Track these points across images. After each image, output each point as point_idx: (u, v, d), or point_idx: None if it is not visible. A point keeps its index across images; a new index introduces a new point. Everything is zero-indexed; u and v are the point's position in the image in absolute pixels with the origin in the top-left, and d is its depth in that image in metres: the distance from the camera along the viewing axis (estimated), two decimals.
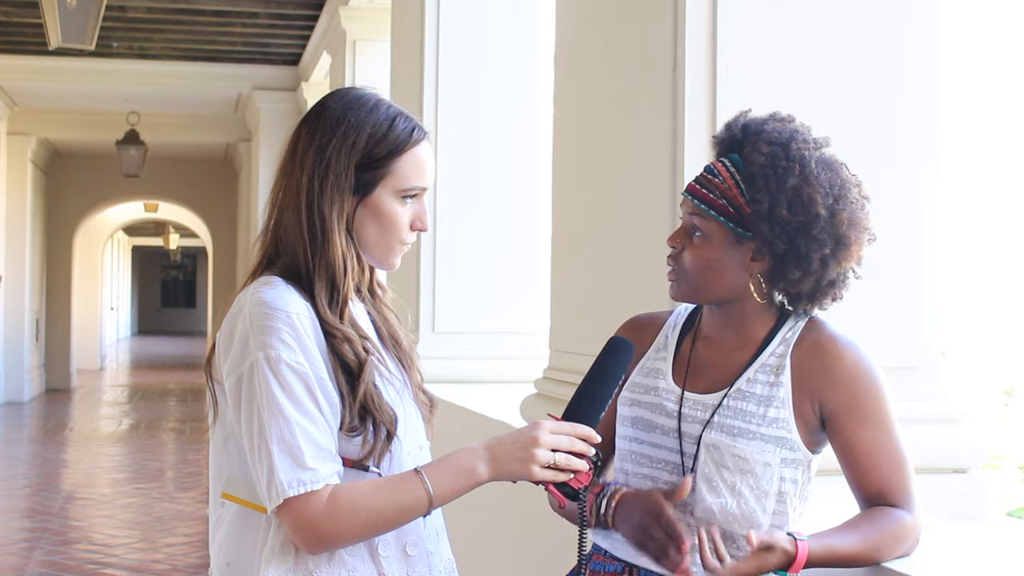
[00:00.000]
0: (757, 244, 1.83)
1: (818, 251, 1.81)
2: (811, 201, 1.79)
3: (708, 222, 1.84)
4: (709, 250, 1.85)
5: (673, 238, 1.90)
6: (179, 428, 12.99)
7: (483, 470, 1.69)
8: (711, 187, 1.85)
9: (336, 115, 1.77)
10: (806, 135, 1.86)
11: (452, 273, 5.10)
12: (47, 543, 7.00)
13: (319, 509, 1.64)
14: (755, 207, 1.80)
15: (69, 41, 7.41)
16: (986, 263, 9.49)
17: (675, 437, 1.87)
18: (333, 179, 1.75)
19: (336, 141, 1.75)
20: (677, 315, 2.03)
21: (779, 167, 1.80)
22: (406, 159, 1.78)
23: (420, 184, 1.80)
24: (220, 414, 1.77)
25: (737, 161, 1.86)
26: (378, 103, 1.80)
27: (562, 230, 3.43)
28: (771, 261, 1.83)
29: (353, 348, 1.71)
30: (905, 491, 1.79)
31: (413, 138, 1.79)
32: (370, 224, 1.78)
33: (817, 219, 1.79)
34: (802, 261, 1.81)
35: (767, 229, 1.80)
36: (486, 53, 5.18)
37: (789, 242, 1.80)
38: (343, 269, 1.75)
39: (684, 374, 1.92)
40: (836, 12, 2.60)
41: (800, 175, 1.80)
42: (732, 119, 1.94)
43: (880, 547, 1.75)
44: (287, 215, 1.77)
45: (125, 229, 25.60)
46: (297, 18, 9.62)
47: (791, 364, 1.84)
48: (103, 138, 13.69)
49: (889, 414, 1.81)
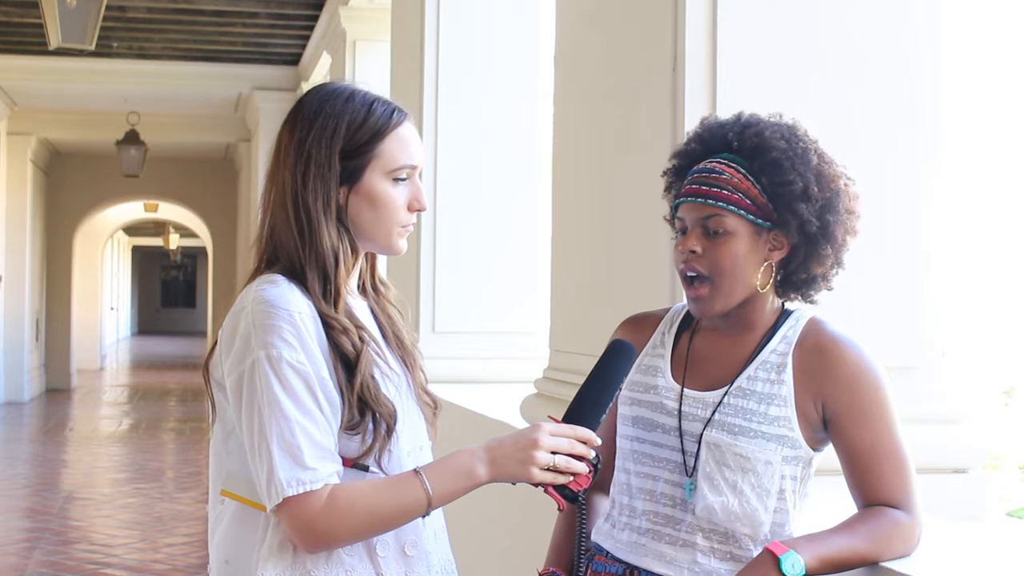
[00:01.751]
0: (778, 234, 1.84)
1: (841, 225, 1.85)
2: (833, 176, 1.85)
3: (729, 218, 1.83)
4: (735, 244, 1.83)
5: (687, 243, 1.85)
6: (179, 428, 12.99)
7: (482, 471, 1.69)
8: (720, 183, 1.84)
9: (313, 109, 1.78)
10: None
11: (452, 273, 5.10)
12: (47, 543, 7.00)
13: (318, 508, 1.64)
14: (788, 189, 1.81)
15: (69, 41, 7.42)
16: (986, 263, 9.49)
17: (676, 436, 1.87)
18: (315, 171, 1.75)
19: (315, 133, 1.76)
20: (674, 312, 2.02)
21: (798, 149, 1.84)
22: (390, 140, 1.78)
23: (408, 162, 1.80)
24: (220, 412, 1.77)
25: (732, 157, 1.86)
26: (354, 92, 1.81)
27: (562, 230, 3.43)
28: (789, 248, 1.85)
29: (349, 338, 1.72)
30: (906, 493, 1.79)
31: (394, 119, 1.79)
32: (365, 210, 1.78)
33: (839, 194, 1.84)
34: (830, 240, 1.84)
35: (803, 208, 1.81)
36: (486, 53, 5.18)
37: (820, 218, 1.83)
38: (333, 259, 1.75)
39: (683, 371, 1.91)
40: (836, 12, 2.60)
41: (817, 154, 1.86)
42: (698, 127, 1.95)
43: (875, 547, 1.74)
44: (277, 214, 1.78)
45: (125, 229, 25.60)
46: (297, 18, 9.62)
47: (793, 362, 1.84)
48: (103, 138, 13.70)
49: (891, 415, 1.81)
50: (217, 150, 16.40)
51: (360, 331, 1.74)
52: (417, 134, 1.84)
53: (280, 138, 1.81)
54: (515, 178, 5.13)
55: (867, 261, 2.46)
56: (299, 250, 1.74)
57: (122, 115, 12.90)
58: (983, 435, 2.62)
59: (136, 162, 13.09)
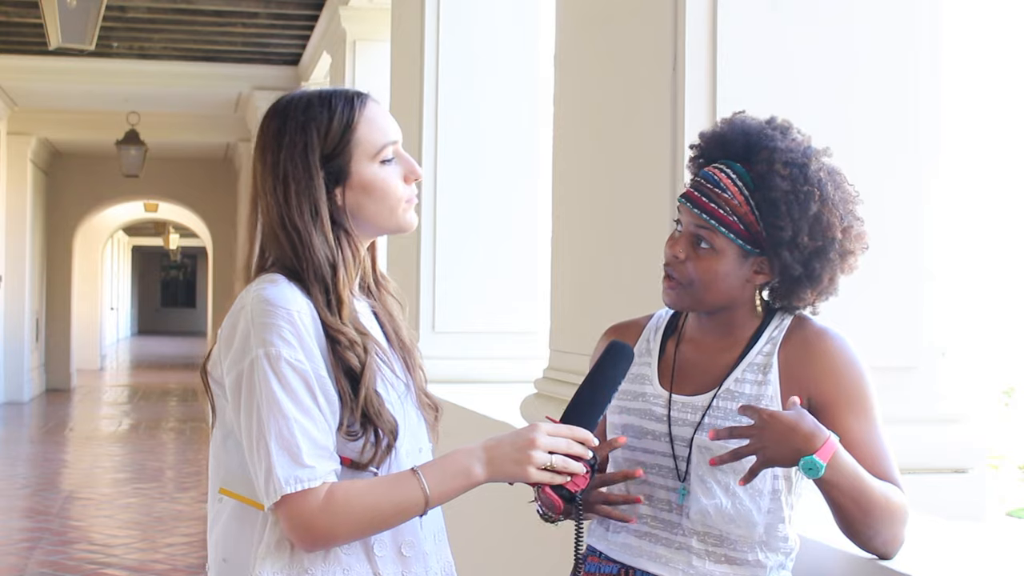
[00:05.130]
0: (764, 261, 1.83)
1: (830, 271, 1.83)
2: (829, 226, 1.81)
3: (717, 236, 1.83)
4: (717, 263, 1.83)
5: (675, 246, 1.87)
6: (179, 428, 12.99)
7: (480, 471, 1.69)
8: (720, 202, 1.82)
9: (275, 129, 1.78)
10: (816, 150, 1.86)
11: (452, 273, 5.10)
12: (47, 543, 7.00)
13: (315, 507, 1.64)
14: (776, 233, 1.80)
15: (69, 41, 7.42)
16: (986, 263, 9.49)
17: (667, 441, 1.87)
18: (295, 187, 1.75)
19: (286, 152, 1.75)
20: (658, 318, 2.02)
21: (801, 193, 1.79)
22: (362, 127, 1.78)
23: (387, 139, 1.79)
24: (219, 413, 1.77)
25: (742, 173, 1.83)
26: (309, 97, 1.79)
27: (562, 230, 3.42)
28: (776, 276, 1.84)
29: (355, 352, 1.71)
30: (896, 480, 1.80)
31: (356, 106, 1.78)
32: (364, 201, 1.78)
33: (833, 242, 1.81)
34: (814, 282, 1.83)
35: (787, 255, 1.80)
36: (486, 53, 5.18)
37: (805, 265, 1.81)
38: (331, 269, 1.74)
39: (670, 378, 1.92)
40: (836, 12, 2.60)
41: (820, 200, 1.80)
42: (725, 122, 1.92)
43: (887, 505, 1.74)
44: (268, 237, 1.78)
45: (125, 229, 25.60)
46: (297, 18, 9.62)
47: (778, 361, 1.84)
48: (103, 138, 13.69)
49: (875, 406, 1.83)
50: (217, 150, 16.40)
51: (365, 341, 1.74)
52: (383, 109, 1.83)
53: (254, 167, 1.80)
54: (515, 178, 5.13)
55: (867, 262, 2.46)
56: (296, 264, 1.74)
57: (122, 115, 12.90)
58: (983, 435, 2.62)
59: (136, 162, 13.09)
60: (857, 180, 1.91)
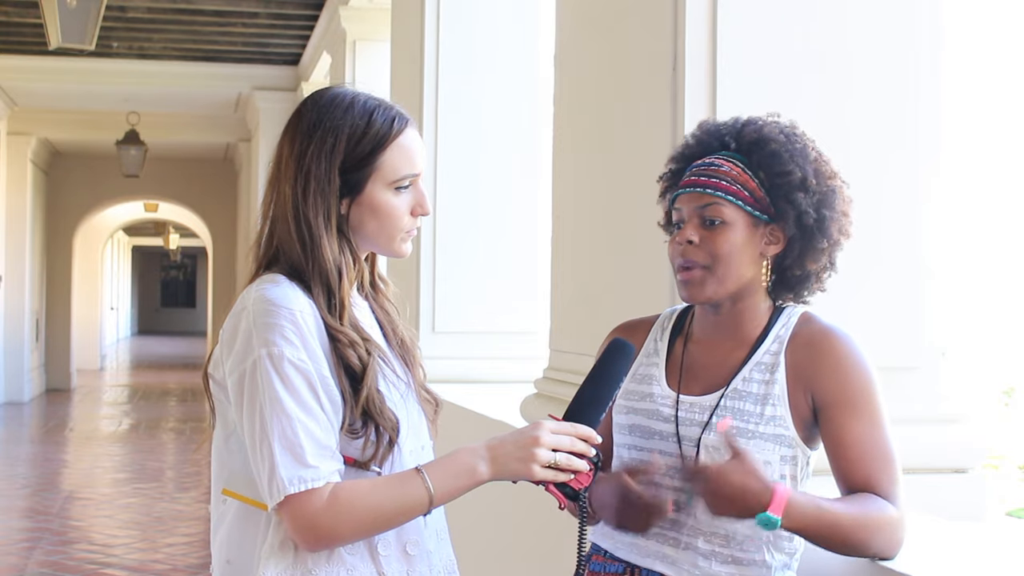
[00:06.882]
0: (774, 227, 1.85)
1: (836, 222, 1.85)
2: (830, 174, 1.87)
3: (726, 208, 1.84)
4: (732, 234, 1.83)
5: (684, 233, 1.86)
6: (179, 428, 12.99)
7: (484, 470, 1.69)
8: (721, 176, 1.85)
9: (312, 120, 1.76)
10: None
11: (452, 273, 5.10)
12: (47, 543, 7.00)
13: (319, 507, 1.64)
14: (786, 179, 1.82)
15: (69, 41, 7.42)
16: (986, 263, 9.49)
17: (674, 442, 1.87)
18: (315, 185, 1.74)
19: (314, 147, 1.74)
20: (664, 317, 2.02)
21: (797, 144, 1.86)
22: (391, 151, 1.76)
23: (411, 172, 1.79)
24: (221, 413, 1.77)
25: (731, 154, 1.87)
26: (354, 100, 1.78)
27: (562, 230, 3.43)
28: (785, 243, 1.85)
29: (357, 352, 1.71)
30: (892, 486, 1.77)
31: (395, 128, 1.77)
32: (368, 220, 1.78)
33: (835, 191, 1.86)
34: (826, 232, 1.84)
35: (801, 199, 1.82)
36: (486, 53, 5.18)
37: (817, 209, 1.83)
38: (336, 273, 1.74)
39: (678, 377, 1.91)
40: (836, 11, 2.60)
41: (815, 151, 1.88)
42: (700, 128, 1.96)
43: (865, 525, 1.71)
44: (279, 225, 1.78)
45: (125, 229, 25.60)
46: (297, 18, 9.63)
47: (785, 360, 1.84)
48: (103, 138, 13.70)
49: (880, 409, 1.81)
50: (217, 150, 16.40)
51: (367, 343, 1.74)
52: (419, 139, 1.82)
53: (280, 148, 1.79)
54: (515, 178, 5.13)
55: (867, 261, 2.46)
56: (303, 263, 1.74)
57: (122, 115, 12.91)
58: (983, 435, 2.62)
59: (136, 162, 13.10)
60: (857, 179, 1.92)
